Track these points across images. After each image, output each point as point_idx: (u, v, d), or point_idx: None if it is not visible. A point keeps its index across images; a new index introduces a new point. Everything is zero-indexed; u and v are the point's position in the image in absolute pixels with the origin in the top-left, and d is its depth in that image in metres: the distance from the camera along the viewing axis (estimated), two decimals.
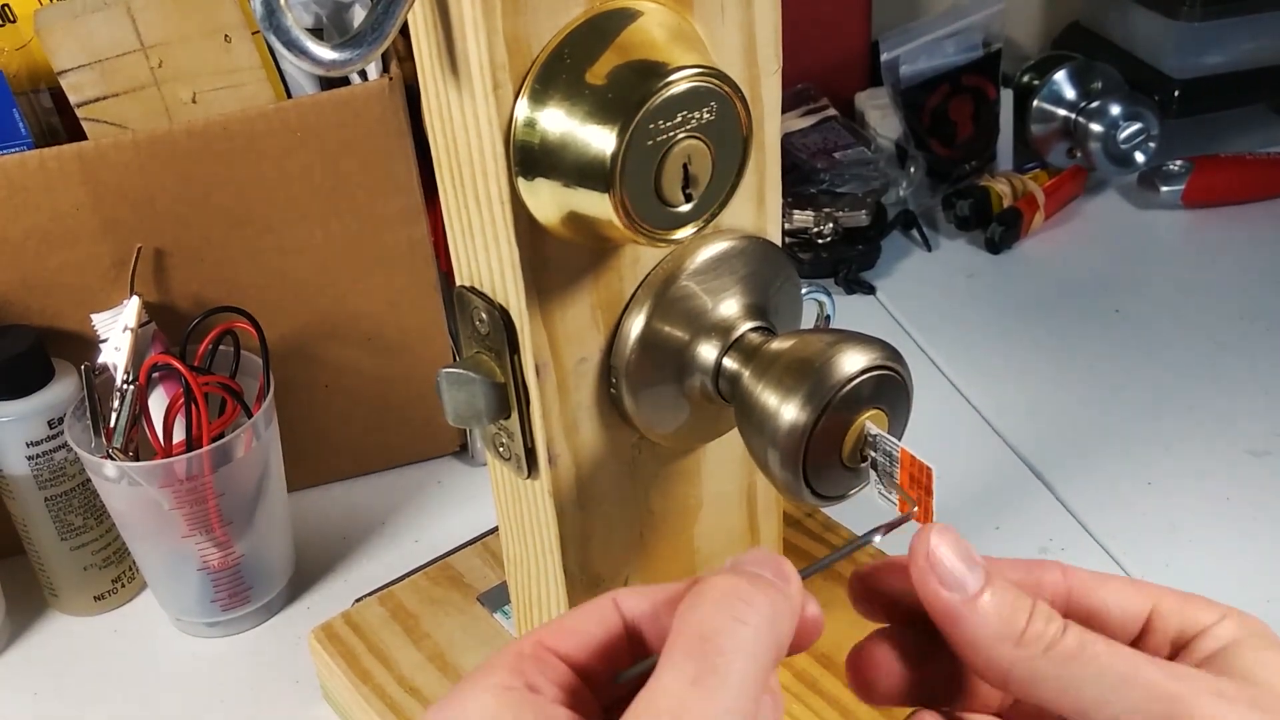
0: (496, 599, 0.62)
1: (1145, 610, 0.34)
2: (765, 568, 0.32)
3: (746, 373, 0.44)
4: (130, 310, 0.64)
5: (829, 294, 0.56)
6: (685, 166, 0.39)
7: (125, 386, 0.62)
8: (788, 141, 1.01)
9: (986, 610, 0.32)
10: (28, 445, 0.64)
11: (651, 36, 0.38)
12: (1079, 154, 1.04)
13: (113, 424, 0.62)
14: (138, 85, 0.66)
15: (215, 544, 0.65)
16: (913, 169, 1.01)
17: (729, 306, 0.45)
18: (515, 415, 0.45)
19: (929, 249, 0.99)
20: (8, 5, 0.70)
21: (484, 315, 0.43)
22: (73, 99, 0.66)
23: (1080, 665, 0.31)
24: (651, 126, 0.37)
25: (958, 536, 0.34)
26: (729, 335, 0.45)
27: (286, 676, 0.66)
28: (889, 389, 0.42)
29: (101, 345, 0.64)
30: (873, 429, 0.42)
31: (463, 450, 0.80)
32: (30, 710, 0.65)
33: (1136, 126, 1.01)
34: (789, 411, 0.41)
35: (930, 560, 0.33)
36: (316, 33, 0.56)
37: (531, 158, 0.38)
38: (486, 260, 0.42)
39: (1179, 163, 1.01)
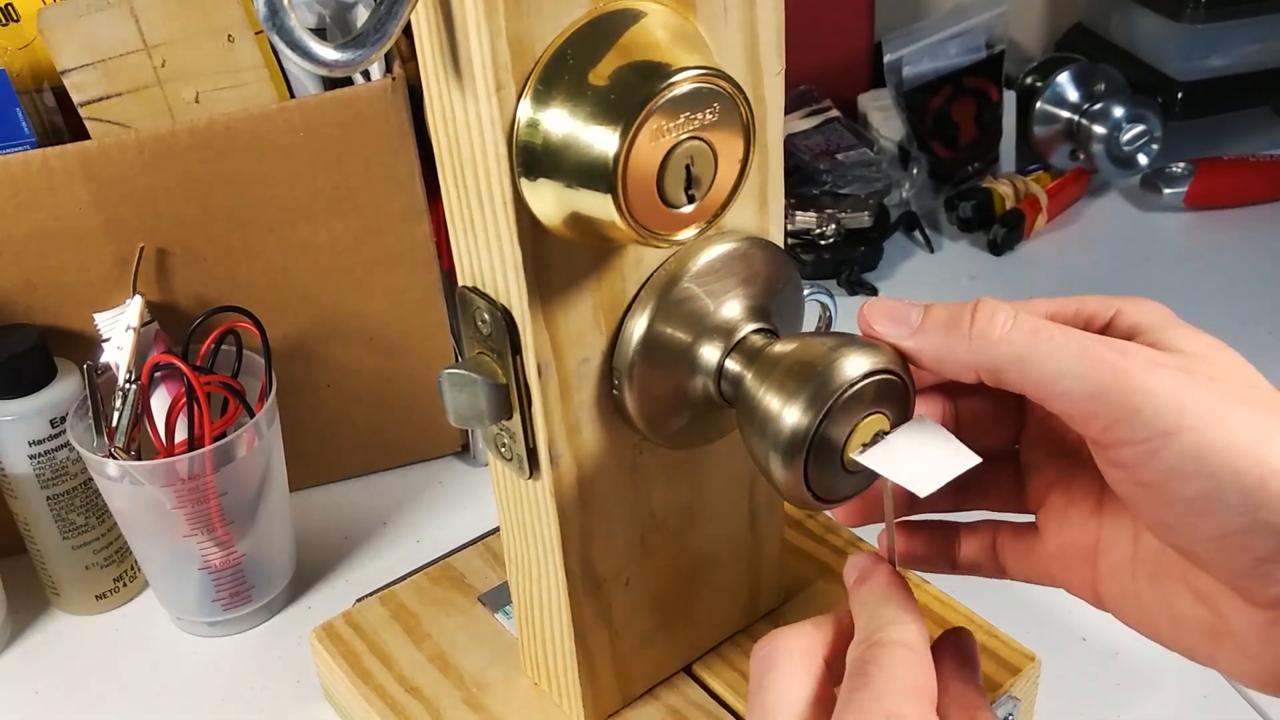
0: (498, 599, 0.62)
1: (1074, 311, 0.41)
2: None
3: (749, 375, 0.44)
4: (133, 310, 0.64)
5: (831, 295, 0.56)
6: (688, 167, 0.39)
7: (127, 386, 0.62)
8: (790, 143, 1.01)
9: (935, 316, 0.39)
10: (30, 444, 0.64)
11: (654, 37, 0.38)
12: (1082, 156, 1.04)
13: (115, 423, 0.62)
14: (141, 85, 0.66)
15: (217, 543, 0.65)
16: (915, 170, 1.01)
17: (731, 308, 0.45)
18: (517, 416, 0.44)
19: (931, 250, 0.99)
20: (11, 4, 0.70)
21: (486, 316, 0.43)
22: (76, 98, 0.66)
23: (1036, 345, 0.37)
24: (655, 128, 0.37)
25: (889, 299, 0.40)
26: (731, 337, 0.45)
27: (287, 676, 0.66)
28: (891, 393, 0.42)
29: (104, 344, 0.64)
30: (875, 432, 0.42)
31: (464, 450, 0.80)
32: (31, 708, 0.65)
33: (1139, 129, 1.01)
34: (791, 415, 0.41)
35: (870, 316, 0.40)
36: (320, 33, 0.56)
37: (534, 158, 0.38)
38: (489, 260, 0.42)
39: (1182, 165, 1.01)
